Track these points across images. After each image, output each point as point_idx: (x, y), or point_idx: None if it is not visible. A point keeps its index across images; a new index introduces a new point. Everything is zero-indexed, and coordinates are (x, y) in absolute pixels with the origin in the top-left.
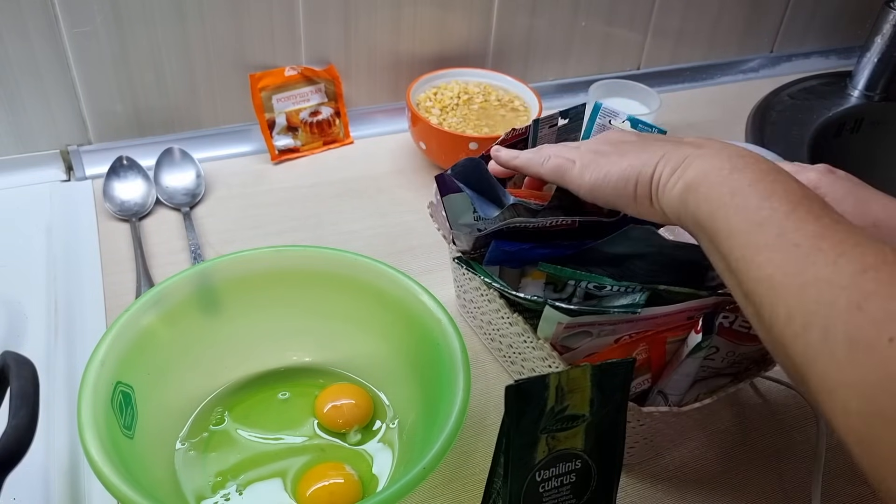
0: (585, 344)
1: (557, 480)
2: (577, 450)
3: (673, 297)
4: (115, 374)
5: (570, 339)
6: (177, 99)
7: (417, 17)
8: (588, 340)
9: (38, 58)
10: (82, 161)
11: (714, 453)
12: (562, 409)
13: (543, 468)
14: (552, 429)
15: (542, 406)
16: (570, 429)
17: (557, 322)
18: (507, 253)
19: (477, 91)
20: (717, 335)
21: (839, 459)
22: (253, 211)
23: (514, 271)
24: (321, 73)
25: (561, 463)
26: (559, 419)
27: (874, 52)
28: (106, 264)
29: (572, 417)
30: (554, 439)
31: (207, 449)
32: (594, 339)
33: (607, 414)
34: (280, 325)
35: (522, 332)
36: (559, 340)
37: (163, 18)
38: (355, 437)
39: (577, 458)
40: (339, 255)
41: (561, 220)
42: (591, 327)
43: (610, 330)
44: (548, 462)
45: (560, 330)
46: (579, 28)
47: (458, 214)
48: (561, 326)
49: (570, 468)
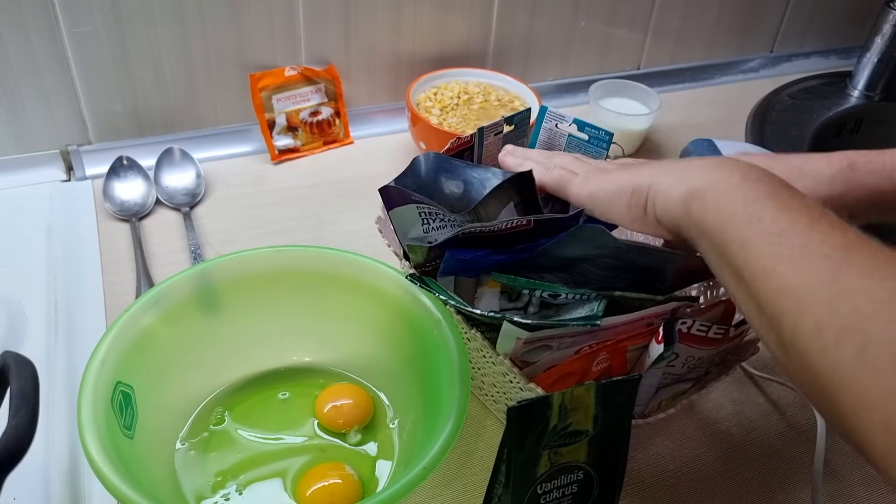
0: (545, 357)
1: (559, 492)
2: (579, 462)
3: (630, 303)
4: (115, 374)
5: (529, 354)
6: (177, 99)
7: (417, 17)
8: (548, 354)
9: (38, 58)
10: (82, 161)
11: (714, 453)
12: (565, 426)
13: (545, 481)
14: (555, 445)
15: (544, 424)
16: (572, 444)
17: (516, 338)
18: (462, 262)
19: (477, 91)
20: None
21: (839, 459)
22: (253, 211)
23: (469, 280)
24: (321, 73)
25: (563, 475)
26: (562, 435)
27: (874, 52)
28: (106, 264)
29: (575, 433)
30: (556, 454)
31: (207, 449)
32: (554, 352)
33: (610, 428)
34: (280, 325)
35: (481, 348)
36: (519, 356)
37: (163, 18)
38: (355, 438)
39: (580, 470)
40: (339, 255)
41: (516, 222)
42: (550, 341)
43: (570, 342)
44: (550, 475)
45: (519, 345)
46: (579, 28)
47: (406, 228)
48: (520, 342)
49: (572, 479)
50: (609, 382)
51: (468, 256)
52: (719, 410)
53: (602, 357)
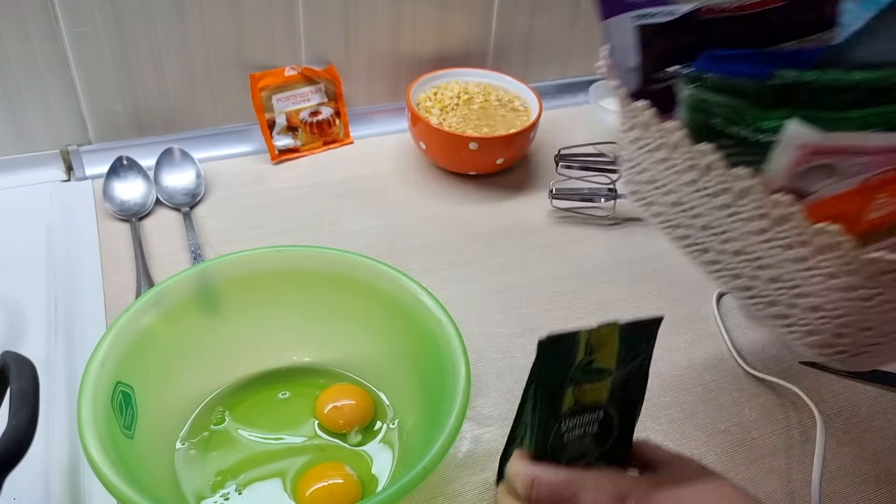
0: (825, 185)
1: (581, 430)
2: (601, 402)
3: None
4: (115, 374)
5: (805, 178)
6: (177, 99)
7: (417, 17)
8: (828, 182)
9: (38, 58)
10: (82, 161)
11: (714, 453)
12: (589, 362)
13: (569, 417)
14: (579, 380)
15: (571, 359)
16: (596, 381)
17: (799, 145)
18: (730, 61)
19: (477, 91)
20: None
21: (839, 459)
22: (253, 211)
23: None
24: (321, 73)
25: (585, 413)
26: (586, 371)
27: None
28: (106, 264)
29: (599, 371)
30: (580, 391)
31: (208, 448)
32: (835, 182)
33: (633, 369)
34: (280, 325)
35: (731, 203)
36: (793, 178)
37: (163, 18)
38: (356, 438)
39: (601, 410)
40: (339, 255)
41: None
42: (839, 157)
43: (861, 166)
44: (572, 412)
45: (799, 157)
46: (579, 28)
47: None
48: (803, 152)
49: (594, 419)
50: (632, 323)
51: (737, 55)
52: (719, 410)
53: (885, 198)
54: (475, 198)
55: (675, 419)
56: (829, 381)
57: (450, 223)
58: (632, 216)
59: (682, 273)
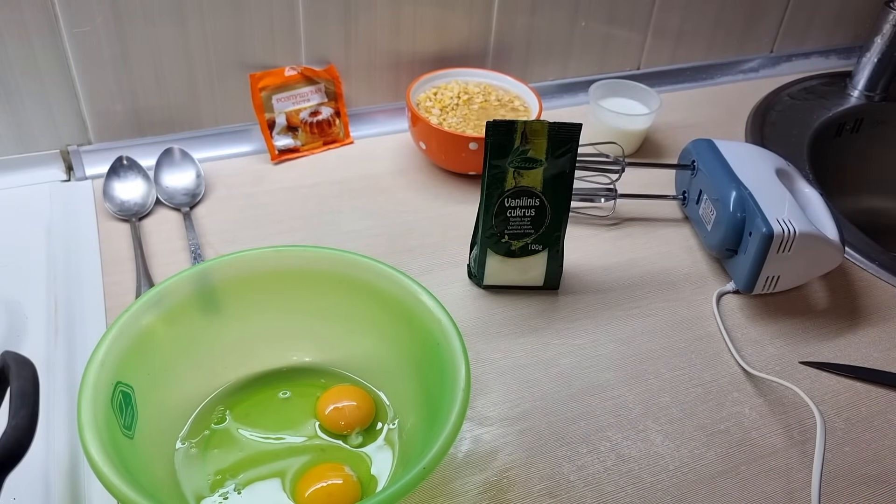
0: None
1: (521, 210)
2: (536, 189)
3: None
4: (115, 374)
5: None
6: (177, 99)
7: (417, 17)
8: None
9: (38, 58)
10: (82, 161)
11: (714, 453)
12: (524, 150)
13: (511, 197)
14: (517, 165)
15: (510, 145)
16: (530, 169)
17: None
18: None
19: (477, 91)
20: None
21: (839, 459)
22: (253, 211)
23: None
24: (321, 73)
25: (524, 197)
26: (522, 158)
27: (874, 52)
28: (106, 264)
29: (533, 160)
30: (519, 175)
31: (208, 447)
32: None
33: (559, 166)
34: (280, 325)
35: None
36: None
37: (163, 18)
38: (357, 440)
39: (536, 197)
40: (339, 255)
41: None
42: None
43: None
44: (514, 192)
45: None
46: (579, 28)
47: None
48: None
49: (531, 203)
50: (558, 123)
51: None
52: (719, 410)
53: None
54: (475, 198)
55: (675, 419)
56: (829, 381)
57: (450, 223)
58: (632, 216)
59: (683, 273)
